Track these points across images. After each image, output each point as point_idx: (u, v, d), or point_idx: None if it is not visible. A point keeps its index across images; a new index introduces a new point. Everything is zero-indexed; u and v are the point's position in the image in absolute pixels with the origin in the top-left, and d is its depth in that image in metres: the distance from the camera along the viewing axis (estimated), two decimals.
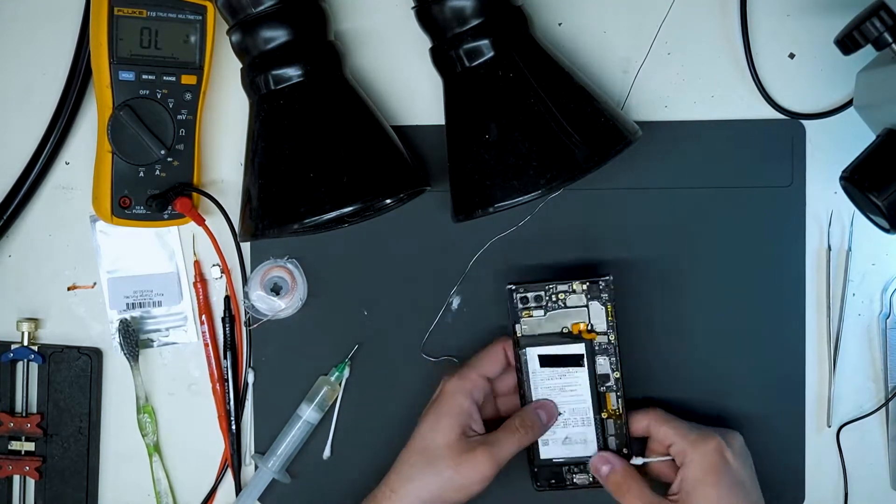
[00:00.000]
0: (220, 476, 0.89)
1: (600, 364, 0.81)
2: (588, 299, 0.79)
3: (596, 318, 0.80)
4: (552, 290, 0.80)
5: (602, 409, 0.81)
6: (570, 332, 0.80)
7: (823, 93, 0.86)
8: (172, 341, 0.89)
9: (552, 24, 0.86)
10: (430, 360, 0.87)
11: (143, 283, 0.88)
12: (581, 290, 0.79)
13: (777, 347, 0.86)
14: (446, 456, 0.78)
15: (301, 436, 0.87)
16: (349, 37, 0.87)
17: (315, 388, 0.87)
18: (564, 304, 0.80)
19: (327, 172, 0.77)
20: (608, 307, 0.79)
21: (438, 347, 0.87)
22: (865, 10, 0.71)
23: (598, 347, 0.81)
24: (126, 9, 0.80)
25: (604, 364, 0.80)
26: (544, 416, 0.81)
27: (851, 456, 0.87)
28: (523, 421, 0.80)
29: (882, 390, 0.87)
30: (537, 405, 0.81)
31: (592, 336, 0.81)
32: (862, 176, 0.73)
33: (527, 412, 0.81)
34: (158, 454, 0.89)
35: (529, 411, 0.81)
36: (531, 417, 0.80)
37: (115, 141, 0.81)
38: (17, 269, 0.89)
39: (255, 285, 0.86)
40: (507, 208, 0.76)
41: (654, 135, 0.85)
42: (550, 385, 0.81)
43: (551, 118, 0.76)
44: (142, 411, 0.88)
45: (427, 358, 0.87)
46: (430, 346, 0.87)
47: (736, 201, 0.86)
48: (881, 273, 0.87)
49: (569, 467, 0.83)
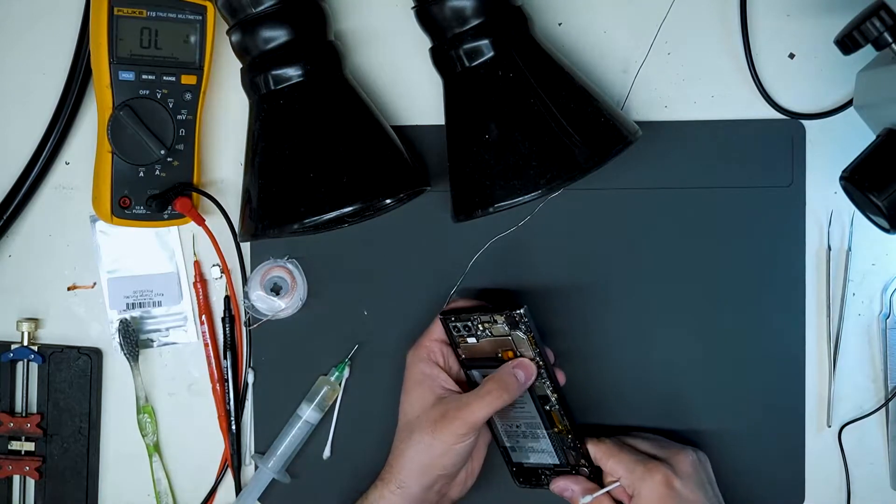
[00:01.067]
0: (219, 476, 0.89)
1: (537, 386, 0.80)
2: (510, 329, 0.79)
3: (521, 347, 0.79)
4: (478, 320, 0.80)
5: (552, 426, 0.81)
6: (502, 357, 0.80)
7: (823, 93, 0.86)
8: (172, 341, 0.89)
9: (552, 24, 0.86)
10: None
11: (143, 283, 0.88)
12: (501, 321, 0.79)
13: (777, 347, 0.86)
14: (423, 424, 0.79)
15: (301, 436, 0.87)
16: (349, 37, 0.87)
17: (315, 388, 0.87)
18: (491, 332, 0.80)
19: (327, 172, 0.77)
20: (529, 336, 0.78)
21: None
22: (865, 10, 0.71)
23: None
24: (126, 9, 0.80)
25: (540, 385, 0.80)
26: (522, 376, 0.79)
27: (852, 456, 0.87)
28: (498, 381, 0.79)
29: (882, 390, 0.87)
30: (515, 363, 0.80)
31: None
32: (862, 176, 0.73)
33: (502, 371, 0.79)
34: (158, 454, 0.89)
35: (505, 370, 0.79)
36: (506, 377, 0.79)
37: (115, 141, 0.81)
38: (17, 269, 0.89)
39: (255, 285, 0.86)
40: (507, 208, 0.76)
41: (654, 135, 0.85)
42: None
43: (551, 118, 0.76)
44: (142, 411, 0.88)
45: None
46: None
47: (736, 201, 0.86)
48: (881, 273, 0.86)
49: (541, 470, 0.83)
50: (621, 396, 0.87)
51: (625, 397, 0.87)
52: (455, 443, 0.78)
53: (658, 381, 0.86)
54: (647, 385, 0.86)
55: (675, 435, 0.86)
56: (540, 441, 0.82)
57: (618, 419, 0.87)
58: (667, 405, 0.86)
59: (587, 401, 0.86)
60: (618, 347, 0.87)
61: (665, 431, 0.86)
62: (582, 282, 0.87)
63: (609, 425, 0.86)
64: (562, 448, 0.82)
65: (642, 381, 0.86)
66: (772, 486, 0.86)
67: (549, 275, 0.86)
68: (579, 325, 0.86)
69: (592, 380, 0.87)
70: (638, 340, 0.86)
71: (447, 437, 0.78)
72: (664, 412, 0.87)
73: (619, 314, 0.87)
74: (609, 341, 0.87)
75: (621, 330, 0.87)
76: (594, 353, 0.87)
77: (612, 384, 0.87)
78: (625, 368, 0.87)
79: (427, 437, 0.79)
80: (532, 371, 0.79)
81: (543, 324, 0.85)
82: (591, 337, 0.87)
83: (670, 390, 0.86)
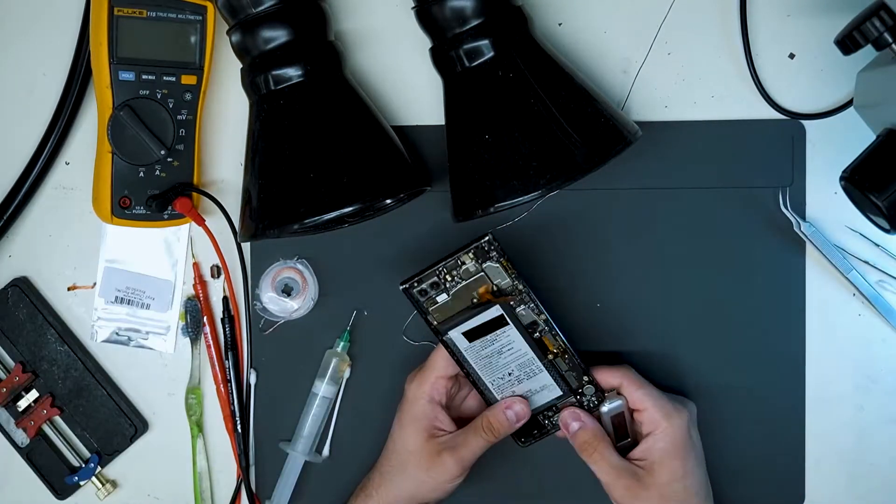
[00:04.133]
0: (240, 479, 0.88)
1: (522, 315, 0.78)
2: (480, 264, 0.77)
3: (497, 277, 0.78)
4: (444, 272, 0.77)
5: (546, 353, 0.80)
6: (479, 300, 0.78)
7: (823, 93, 0.86)
8: (149, 346, 0.89)
9: (552, 24, 0.86)
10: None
11: (139, 282, 0.88)
12: (470, 259, 0.77)
13: (777, 348, 0.86)
14: (416, 461, 0.80)
15: (322, 413, 0.87)
16: (349, 37, 0.87)
17: (324, 363, 0.87)
18: (462, 277, 0.78)
19: (327, 172, 0.77)
20: (503, 262, 0.77)
21: None
22: (865, 10, 0.71)
23: (514, 300, 0.79)
24: (126, 9, 0.80)
25: (526, 313, 0.78)
26: (513, 417, 0.80)
27: (852, 456, 0.87)
28: (489, 422, 0.80)
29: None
30: (506, 404, 0.80)
31: (504, 298, 0.78)
32: (862, 176, 0.73)
33: (494, 413, 0.80)
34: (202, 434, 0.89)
35: (497, 412, 0.80)
36: (498, 418, 0.80)
37: (115, 141, 0.81)
38: (17, 269, 0.89)
39: (266, 287, 0.86)
40: (507, 208, 0.76)
41: (654, 135, 0.85)
42: (487, 354, 0.80)
43: (551, 118, 0.76)
44: (191, 393, 0.88)
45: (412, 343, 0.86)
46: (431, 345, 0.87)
47: (736, 201, 0.86)
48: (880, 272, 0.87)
49: (543, 414, 0.82)
50: None
51: None
52: (448, 482, 0.80)
53: (657, 380, 0.86)
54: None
55: None
56: (537, 377, 0.80)
57: None
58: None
59: None
60: (617, 347, 0.87)
61: None
62: (582, 282, 0.87)
63: None
64: (561, 375, 0.80)
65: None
66: (772, 486, 0.87)
67: (549, 275, 0.86)
68: (579, 325, 0.86)
69: None
70: (637, 340, 0.87)
71: (441, 477, 0.80)
72: None
73: (618, 314, 0.87)
74: (608, 341, 0.87)
75: (621, 330, 0.87)
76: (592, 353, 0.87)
77: None
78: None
79: (421, 475, 0.80)
80: (524, 412, 0.80)
81: None
82: (591, 337, 0.87)
83: (670, 389, 0.86)
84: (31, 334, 0.88)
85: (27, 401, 0.88)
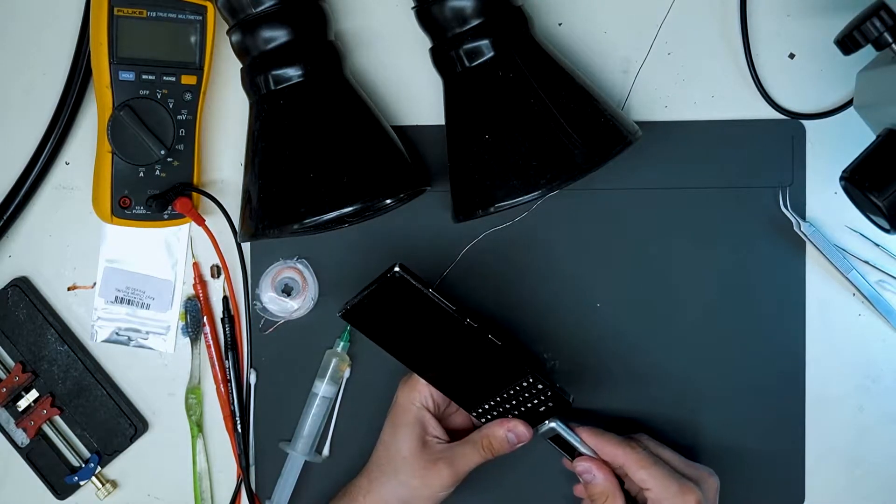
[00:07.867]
0: (240, 478, 0.88)
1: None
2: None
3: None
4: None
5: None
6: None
7: (823, 93, 0.86)
8: (149, 346, 0.89)
9: (552, 24, 0.86)
10: None
11: (139, 282, 0.88)
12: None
13: (777, 348, 0.86)
14: (410, 467, 0.80)
15: (322, 413, 0.87)
16: (349, 37, 0.87)
17: (324, 363, 0.87)
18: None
19: (327, 172, 0.77)
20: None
21: None
22: (865, 10, 0.71)
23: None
24: (126, 9, 0.80)
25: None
26: (513, 438, 0.80)
27: (852, 456, 0.87)
28: (490, 442, 0.80)
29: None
30: (510, 427, 0.80)
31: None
32: (862, 176, 0.73)
33: (495, 432, 0.80)
34: (202, 434, 0.89)
35: (499, 432, 0.80)
36: (498, 439, 0.80)
37: (115, 141, 0.81)
38: (17, 269, 0.89)
39: (266, 287, 0.86)
40: (507, 208, 0.76)
41: (654, 135, 0.85)
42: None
43: (551, 118, 0.76)
44: (192, 392, 0.88)
45: None
46: None
47: (736, 201, 0.86)
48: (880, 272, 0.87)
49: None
50: (619, 396, 0.87)
51: (623, 397, 0.87)
52: (441, 491, 0.80)
53: (657, 380, 0.86)
54: (645, 385, 0.86)
55: (675, 434, 0.86)
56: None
57: (617, 418, 0.87)
58: (666, 406, 0.86)
59: (585, 400, 0.86)
60: (616, 347, 0.87)
61: (664, 431, 0.86)
62: (582, 282, 0.87)
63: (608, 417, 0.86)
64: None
65: (641, 382, 0.86)
66: (772, 486, 0.87)
67: (549, 275, 0.86)
68: (578, 325, 0.86)
69: (590, 379, 0.87)
70: (637, 340, 0.87)
71: (435, 485, 0.80)
72: (663, 412, 0.87)
73: (618, 314, 0.87)
74: (607, 341, 0.87)
75: (620, 330, 0.87)
76: (592, 353, 0.87)
77: (610, 384, 0.87)
78: (623, 368, 0.87)
79: (415, 482, 0.80)
80: (525, 437, 0.80)
81: (543, 324, 0.85)
82: (590, 337, 0.87)
83: (670, 390, 0.86)
84: (31, 334, 0.88)
85: (27, 401, 0.88)
